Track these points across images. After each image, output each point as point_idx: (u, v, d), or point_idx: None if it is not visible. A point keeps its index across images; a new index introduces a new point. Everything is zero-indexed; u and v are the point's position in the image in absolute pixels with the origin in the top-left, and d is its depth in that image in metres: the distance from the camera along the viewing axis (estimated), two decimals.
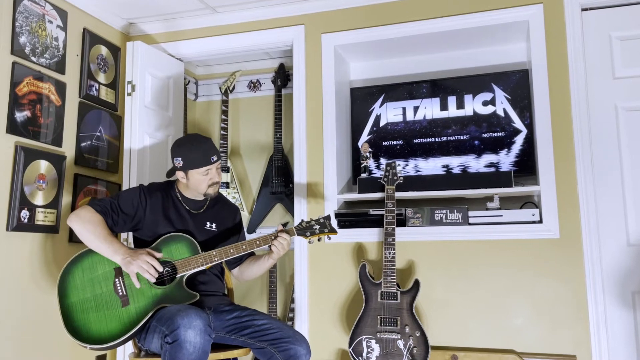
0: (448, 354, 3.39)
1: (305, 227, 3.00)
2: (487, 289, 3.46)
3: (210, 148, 3.00)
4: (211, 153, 2.98)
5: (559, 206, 3.37)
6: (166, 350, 2.51)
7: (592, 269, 3.29)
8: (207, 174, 2.99)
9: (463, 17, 3.63)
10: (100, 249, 2.82)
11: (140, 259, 2.75)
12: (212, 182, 3.01)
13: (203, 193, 3.03)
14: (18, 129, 3.32)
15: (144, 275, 2.75)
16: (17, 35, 3.34)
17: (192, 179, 3.00)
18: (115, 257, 2.80)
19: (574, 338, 3.28)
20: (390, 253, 3.39)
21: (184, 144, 3.02)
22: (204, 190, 3.02)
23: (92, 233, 2.82)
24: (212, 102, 5.03)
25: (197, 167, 2.96)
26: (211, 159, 2.97)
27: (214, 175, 3.01)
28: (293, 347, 2.77)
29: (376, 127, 3.98)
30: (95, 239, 2.82)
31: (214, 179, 3.01)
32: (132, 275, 2.77)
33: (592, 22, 3.48)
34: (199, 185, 3.00)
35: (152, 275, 2.75)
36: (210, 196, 3.08)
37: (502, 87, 3.74)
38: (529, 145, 3.65)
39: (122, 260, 2.78)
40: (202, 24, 4.16)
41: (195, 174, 2.98)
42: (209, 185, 3.01)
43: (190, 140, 3.05)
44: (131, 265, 2.75)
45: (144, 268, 2.74)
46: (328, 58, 3.90)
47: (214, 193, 3.06)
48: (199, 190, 3.02)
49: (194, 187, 3.02)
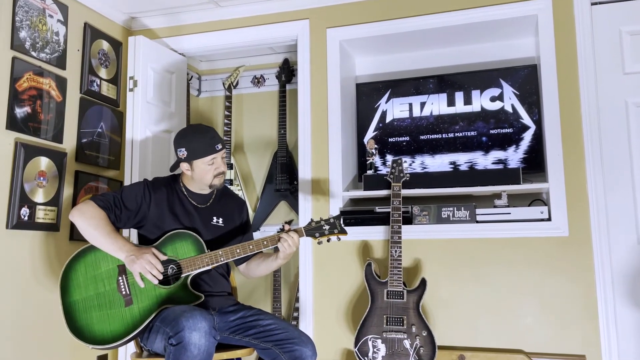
0: (455, 353, 3.37)
1: (315, 227, 2.94)
2: (495, 288, 3.43)
3: (214, 136, 2.95)
4: (215, 141, 2.93)
5: (568, 204, 3.34)
6: (170, 352, 2.48)
7: (601, 268, 3.27)
8: (213, 163, 2.93)
9: (471, 11, 3.61)
10: (104, 246, 2.77)
11: (144, 258, 2.70)
12: (217, 172, 2.95)
13: (209, 184, 2.97)
14: (18, 125, 3.29)
15: (146, 276, 2.71)
16: (17, 29, 3.31)
17: (197, 170, 2.94)
18: (119, 254, 2.75)
19: (583, 338, 3.26)
20: (397, 251, 3.36)
21: (187, 134, 2.97)
22: (210, 181, 2.96)
23: (95, 229, 2.77)
24: (215, 98, 5.00)
25: (201, 157, 2.90)
26: (216, 147, 2.92)
27: (219, 165, 2.96)
28: (298, 348, 2.74)
29: (382, 123, 3.95)
30: (98, 235, 2.77)
31: (219, 168, 2.96)
32: (135, 274, 2.73)
33: (602, 16, 3.45)
34: (205, 176, 2.94)
35: (154, 277, 2.71)
36: (216, 187, 3.01)
37: (510, 82, 3.71)
38: (537, 141, 3.62)
39: (126, 258, 2.73)
40: (205, 19, 4.13)
41: (200, 164, 2.92)
42: (214, 176, 2.95)
43: (193, 129, 3.00)
44: (134, 264, 2.71)
45: (147, 269, 2.70)
46: (333, 53, 3.87)
47: (220, 184, 3.00)
48: (204, 181, 2.96)
49: (199, 179, 2.96)
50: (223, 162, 2.98)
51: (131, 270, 2.73)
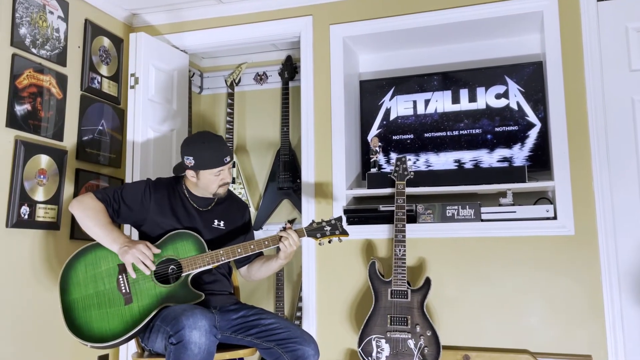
0: (460, 353, 3.34)
1: (316, 228, 2.94)
2: (500, 287, 3.41)
3: (223, 148, 2.93)
4: (224, 154, 2.92)
5: (574, 202, 3.32)
6: (170, 351, 2.47)
7: (608, 267, 3.25)
8: (219, 174, 2.93)
9: (475, 7, 3.58)
10: (99, 237, 2.79)
11: (136, 248, 2.71)
12: (223, 183, 2.96)
13: (213, 193, 2.98)
14: (18, 123, 3.27)
15: (139, 266, 2.71)
16: (17, 26, 3.29)
17: (202, 179, 2.94)
18: (113, 245, 2.76)
19: (589, 338, 3.24)
20: (401, 250, 3.33)
21: (195, 142, 2.95)
22: (214, 190, 2.96)
23: (91, 219, 2.80)
24: (218, 95, 4.99)
25: (209, 168, 2.90)
26: (224, 159, 2.91)
27: (225, 176, 2.96)
28: (301, 347, 2.73)
29: (386, 121, 3.92)
30: (94, 226, 2.79)
31: (225, 179, 2.96)
32: (128, 265, 2.73)
33: (608, 13, 3.42)
34: (210, 186, 2.95)
35: (146, 267, 2.71)
36: (219, 196, 3.02)
37: (516, 79, 3.68)
38: (543, 139, 3.59)
39: (119, 250, 2.74)
40: (207, 15, 4.11)
41: (207, 174, 2.91)
42: (219, 186, 2.96)
43: (202, 138, 2.97)
44: (127, 255, 2.71)
45: (139, 259, 2.70)
46: (337, 50, 3.85)
47: (223, 193, 3.01)
48: (208, 190, 2.97)
49: (203, 187, 2.97)
50: (229, 173, 2.98)
51: (124, 261, 2.73)
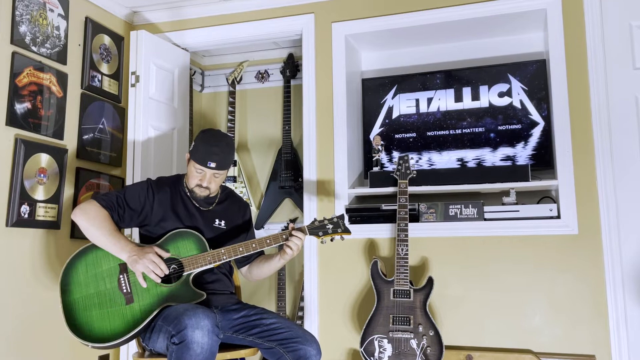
0: (463, 353, 3.34)
1: (318, 226, 2.94)
2: (503, 287, 3.40)
3: (216, 153, 2.88)
4: (212, 158, 2.88)
5: (578, 201, 3.31)
6: (172, 351, 2.46)
7: (611, 266, 3.24)
8: (200, 173, 2.92)
9: (479, 5, 3.57)
10: (106, 246, 2.77)
11: (147, 257, 2.69)
12: (199, 184, 2.93)
13: (190, 188, 2.97)
14: (18, 121, 3.26)
15: (150, 275, 2.69)
16: (17, 24, 3.28)
17: (189, 169, 2.96)
18: (121, 254, 2.75)
19: (593, 337, 3.23)
20: (403, 249, 3.32)
21: (205, 134, 2.98)
22: (191, 185, 2.96)
23: (98, 229, 2.77)
24: (219, 94, 4.98)
25: (195, 161, 2.91)
26: (208, 163, 2.88)
27: (204, 180, 2.92)
28: (303, 347, 2.71)
29: (388, 119, 3.91)
30: (101, 235, 2.77)
31: (203, 182, 2.92)
32: (138, 274, 2.71)
33: (612, 10, 3.41)
34: (190, 178, 2.96)
35: (157, 276, 2.69)
36: (194, 195, 2.98)
37: (519, 77, 3.67)
38: (546, 138, 3.58)
39: (128, 258, 2.73)
40: (208, 13, 4.10)
41: (192, 166, 2.93)
42: (196, 184, 2.94)
43: (209, 134, 2.99)
44: (137, 264, 2.69)
45: (150, 268, 2.68)
46: (339, 48, 3.83)
47: (198, 196, 2.97)
48: (188, 182, 2.98)
49: (188, 176, 2.98)
50: (212, 180, 2.93)
51: (134, 270, 2.72)
